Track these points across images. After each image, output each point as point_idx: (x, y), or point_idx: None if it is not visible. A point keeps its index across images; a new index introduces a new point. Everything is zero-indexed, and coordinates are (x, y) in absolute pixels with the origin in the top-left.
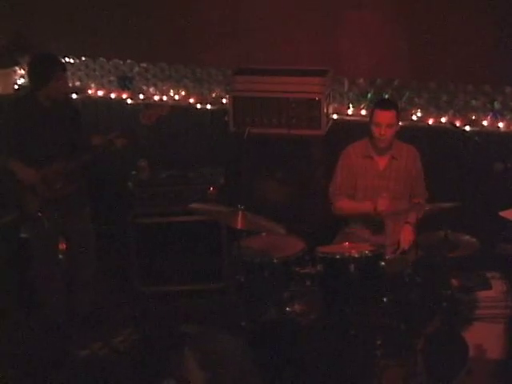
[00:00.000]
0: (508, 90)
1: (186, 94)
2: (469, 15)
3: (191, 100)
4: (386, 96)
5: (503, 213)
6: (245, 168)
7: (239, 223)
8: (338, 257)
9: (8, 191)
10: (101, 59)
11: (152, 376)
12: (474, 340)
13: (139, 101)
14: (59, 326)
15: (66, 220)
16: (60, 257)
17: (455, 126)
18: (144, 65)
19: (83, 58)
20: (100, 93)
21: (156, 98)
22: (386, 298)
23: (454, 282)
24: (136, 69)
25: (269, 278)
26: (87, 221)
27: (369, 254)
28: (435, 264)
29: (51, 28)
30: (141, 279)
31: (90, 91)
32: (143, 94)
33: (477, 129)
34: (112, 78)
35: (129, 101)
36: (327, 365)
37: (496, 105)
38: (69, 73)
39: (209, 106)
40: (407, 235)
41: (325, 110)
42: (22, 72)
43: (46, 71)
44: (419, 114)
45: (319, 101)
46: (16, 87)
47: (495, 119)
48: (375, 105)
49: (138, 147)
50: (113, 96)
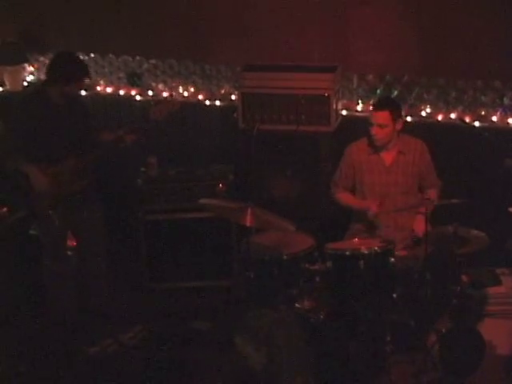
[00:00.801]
0: None
1: (195, 91)
2: (478, 11)
3: (200, 96)
4: (395, 92)
5: None
6: (254, 165)
7: (248, 220)
8: (348, 253)
9: (17, 188)
10: (110, 56)
11: (161, 372)
12: (484, 336)
13: (148, 97)
14: (69, 323)
15: (77, 217)
16: (69, 254)
17: (465, 122)
18: (153, 61)
19: (92, 55)
20: (109, 89)
21: (165, 95)
22: (396, 294)
23: (464, 278)
24: (145, 65)
25: (278, 275)
26: (98, 217)
27: (378, 251)
28: (445, 260)
29: (60, 25)
30: (150, 276)
31: (99, 88)
32: (152, 91)
33: (486, 125)
34: (121, 75)
35: (138, 97)
36: (337, 361)
37: (505, 100)
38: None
39: (218, 103)
40: (420, 225)
41: (334, 107)
42: (31, 69)
43: (73, 72)
44: (428, 110)
45: (328, 97)
46: (25, 84)
47: (505, 115)
48: (372, 104)
49: (148, 144)
50: (122, 93)
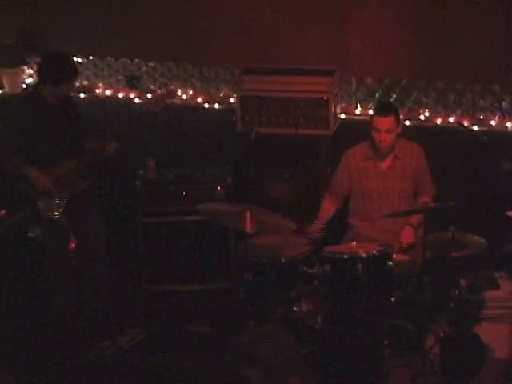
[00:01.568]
0: None
1: (194, 94)
2: (477, 14)
3: (199, 99)
4: (394, 96)
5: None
6: (252, 168)
7: (248, 226)
8: (346, 257)
9: (19, 191)
10: (109, 58)
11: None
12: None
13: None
14: (68, 325)
15: (78, 218)
16: (70, 256)
17: (463, 126)
18: (152, 64)
19: (91, 57)
20: (108, 92)
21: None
22: (394, 298)
23: (462, 282)
24: (144, 68)
25: (276, 278)
26: (98, 219)
27: (376, 254)
28: (443, 264)
29: (59, 27)
30: (148, 278)
31: (98, 90)
32: (151, 94)
33: (485, 128)
34: (120, 78)
35: (137, 100)
36: (334, 365)
37: (504, 104)
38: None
39: (216, 106)
40: (406, 235)
41: (333, 110)
42: (30, 71)
43: (60, 73)
44: (427, 114)
45: (327, 100)
46: (24, 86)
47: (503, 119)
48: (374, 111)
49: (147, 147)
50: (120, 95)
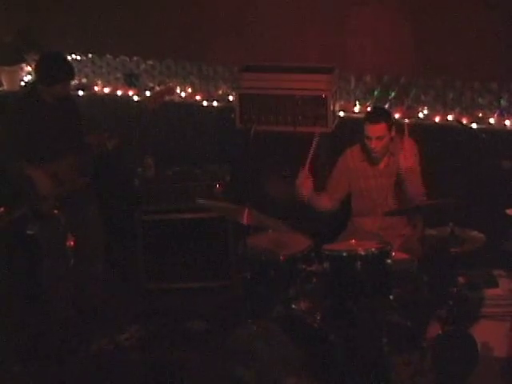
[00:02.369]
0: None
1: (193, 91)
2: (476, 12)
3: (197, 97)
4: (393, 94)
5: (511, 211)
6: (251, 165)
7: (245, 219)
8: (345, 254)
9: (19, 190)
10: (107, 56)
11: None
12: (481, 338)
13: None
14: (66, 322)
15: (76, 216)
16: (68, 253)
17: (462, 124)
18: (150, 62)
19: (90, 55)
20: (106, 90)
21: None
22: (393, 296)
23: (461, 280)
24: (142, 66)
25: (275, 276)
26: (96, 216)
27: (375, 252)
28: (442, 261)
29: (58, 25)
30: (147, 276)
31: (97, 88)
32: (150, 91)
33: (484, 126)
34: (118, 75)
35: (135, 98)
36: (333, 363)
37: (503, 102)
38: (75, 70)
39: (215, 103)
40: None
41: (331, 108)
42: (29, 69)
43: (55, 74)
44: (426, 112)
45: (326, 98)
46: (23, 84)
47: (502, 117)
48: (365, 117)
49: (145, 144)
50: (119, 93)
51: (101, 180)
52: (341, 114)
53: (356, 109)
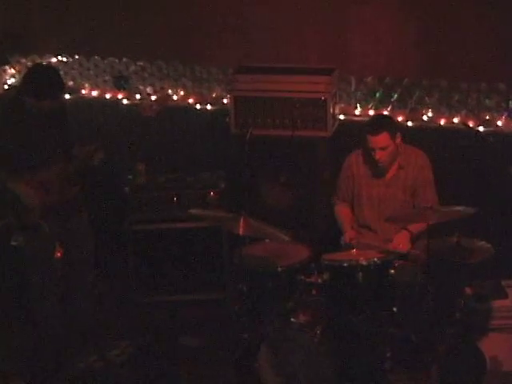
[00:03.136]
0: None
1: (185, 94)
2: (481, 11)
3: (190, 100)
4: (395, 96)
5: None
6: (247, 172)
7: (241, 229)
8: (346, 265)
9: (3, 201)
10: (95, 57)
11: None
12: (490, 352)
13: (136, 101)
14: (54, 338)
15: (64, 226)
16: (55, 265)
17: (468, 127)
18: (141, 63)
19: (76, 57)
20: (94, 93)
21: (153, 98)
22: (396, 308)
23: (468, 291)
24: (132, 67)
25: (272, 288)
26: (85, 226)
27: (378, 262)
28: (448, 272)
29: (43, 25)
30: (138, 288)
31: (84, 91)
32: (140, 94)
33: (491, 129)
34: (107, 78)
35: (125, 101)
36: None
37: (511, 104)
38: (61, 72)
39: (209, 107)
40: (400, 240)
41: (331, 111)
42: (13, 71)
43: (44, 90)
44: (430, 115)
45: (325, 101)
46: (6, 87)
47: (510, 119)
48: (365, 128)
49: (136, 150)
50: (108, 96)
51: (89, 188)
52: (341, 118)
53: (357, 112)
